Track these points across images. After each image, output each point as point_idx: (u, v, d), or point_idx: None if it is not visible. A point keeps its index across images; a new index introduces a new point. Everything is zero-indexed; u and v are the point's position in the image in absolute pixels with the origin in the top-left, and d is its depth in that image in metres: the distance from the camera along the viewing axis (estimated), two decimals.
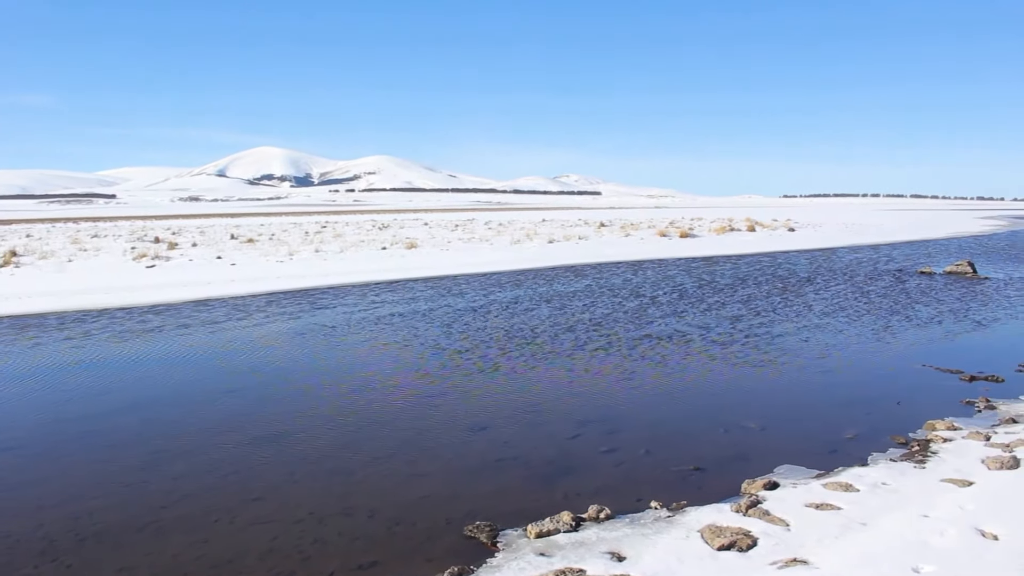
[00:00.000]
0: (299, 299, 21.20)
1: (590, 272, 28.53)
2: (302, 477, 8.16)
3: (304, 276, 26.15)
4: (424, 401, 10.98)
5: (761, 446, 8.99)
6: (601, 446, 9.03)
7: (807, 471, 8.03)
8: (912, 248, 42.95)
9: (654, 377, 12.33)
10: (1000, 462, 7.68)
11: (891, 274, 27.89)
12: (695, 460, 8.49)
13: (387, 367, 13.11)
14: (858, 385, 11.93)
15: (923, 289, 23.25)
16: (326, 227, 62.49)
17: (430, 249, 37.26)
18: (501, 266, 30.11)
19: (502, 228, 57.77)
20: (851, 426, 9.67)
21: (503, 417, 10.20)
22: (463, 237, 46.34)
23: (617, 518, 6.90)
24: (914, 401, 10.83)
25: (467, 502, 7.46)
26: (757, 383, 12.03)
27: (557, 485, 7.88)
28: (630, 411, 10.49)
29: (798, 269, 29.92)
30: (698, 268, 30.24)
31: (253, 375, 12.68)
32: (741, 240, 45.85)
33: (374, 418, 10.18)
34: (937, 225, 73.74)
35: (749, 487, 7.49)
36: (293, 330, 16.52)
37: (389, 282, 25.19)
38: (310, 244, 39.96)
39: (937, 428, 9.34)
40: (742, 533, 6.31)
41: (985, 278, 26.30)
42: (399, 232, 52.89)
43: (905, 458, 8.33)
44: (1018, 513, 6.39)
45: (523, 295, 21.85)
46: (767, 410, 10.51)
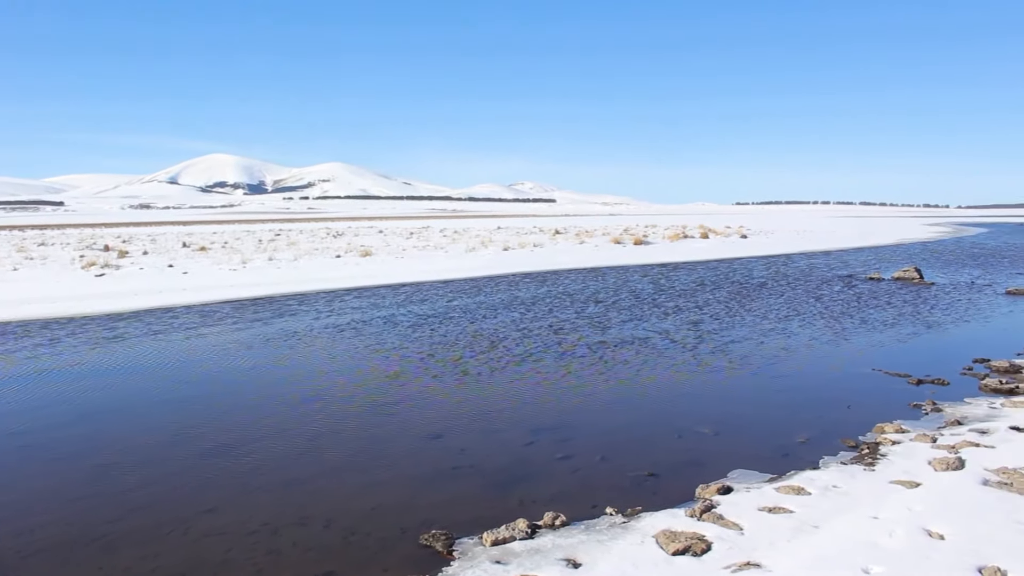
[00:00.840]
0: (253, 308, 20.97)
1: (545, 280, 28.62)
2: (256, 487, 8.07)
3: (258, 284, 25.87)
4: (379, 409, 10.92)
5: (715, 451, 9.07)
6: (557, 453, 9.05)
7: (760, 475, 8.12)
8: (861, 254, 43.71)
9: (609, 383, 12.39)
10: (946, 463, 7.83)
11: (841, 280, 28.35)
12: (650, 466, 8.55)
13: (341, 376, 13.02)
14: (810, 389, 12.11)
15: (872, 294, 23.66)
16: (280, 235, 61.94)
17: (385, 257, 37.11)
18: (456, 274, 30.08)
19: (457, 236, 57.72)
20: (803, 430, 9.80)
21: (459, 425, 10.17)
22: (418, 245, 46.22)
23: (573, 525, 6.91)
24: (864, 405, 11.00)
25: (423, 511, 7.43)
26: (711, 388, 12.15)
27: (513, 492, 7.88)
28: (586, 417, 10.52)
29: (751, 275, 30.29)
30: (653, 275, 30.47)
31: (206, 385, 12.52)
32: (695, 247, 46.31)
33: (329, 427, 10.10)
34: (885, 232, 75.13)
35: (703, 492, 7.56)
36: (247, 339, 16.33)
37: (344, 290, 25.03)
38: (264, 252, 39.57)
39: (886, 431, 9.50)
40: (696, 538, 6.35)
41: (931, 283, 26.85)
42: (354, 240, 52.58)
43: (855, 461, 8.47)
44: (963, 513, 6.52)
45: (477, 303, 21.84)
46: (721, 415, 10.61)
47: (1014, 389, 11.40)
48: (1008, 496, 6.93)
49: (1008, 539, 6.00)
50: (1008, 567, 5.54)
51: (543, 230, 68.14)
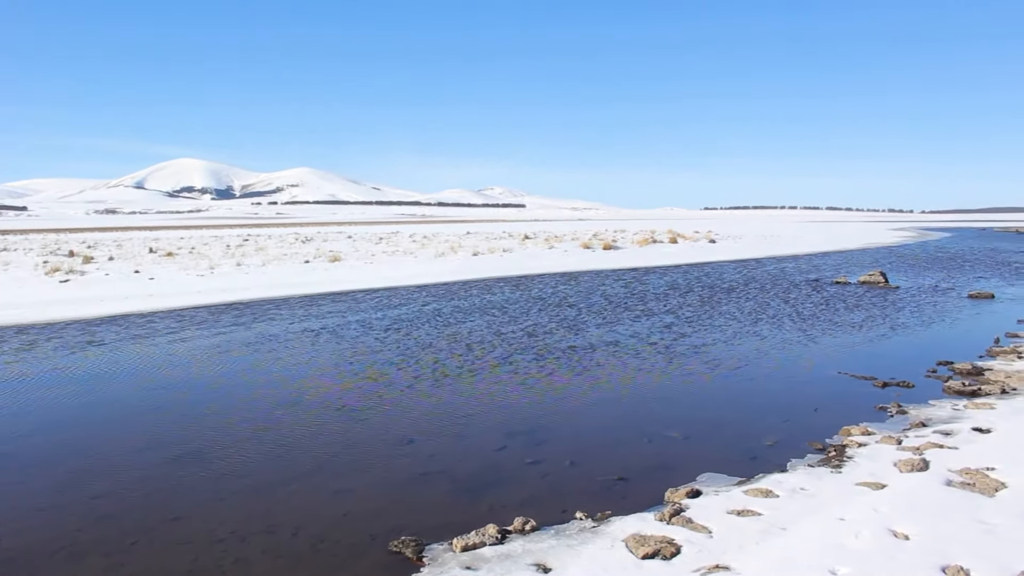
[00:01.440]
0: (221, 313, 20.79)
1: (515, 285, 28.63)
2: (224, 495, 7.99)
3: (226, 290, 25.66)
4: (350, 415, 10.86)
5: (684, 455, 9.12)
6: (527, 458, 9.06)
7: (729, 478, 8.18)
8: (828, 258, 44.18)
9: (580, 387, 12.42)
10: (911, 464, 7.93)
11: (809, 284, 28.64)
12: (619, 470, 8.58)
13: (311, 382, 12.94)
14: (777, 392, 12.21)
15: (839, 298, 23.92)
16: (248, 240, 61.50)
17: (354, 262, 36.95)
18: (426, 279, 30.02)
19: (426, 241, 57.63)
20: (771, 433, 9.88)
21: (429, 430, 10.15)
22: (387, 250, 46.08)
23: (543, 529, 6.92)
24: (831, 408, 11.12)
25: (393, 517, 7.40)
26: (680, 392, 12.22)
27: (483, 498, 7.88)
28: (556, 422, 10.54)
29: (720, 280, 30.51)
30: (622, 280, 30.60)
31: (173, 392, 12.38)
32: (664, 252, 46.56)
33: (298, 434, 10.03)
34: (851, 236, 76.04)
35: (672, 495, 7.59)
36: (215, 345, 16.19)
37: (312, 296, 24.89)
38: (232, 258, 39.26)
39: (852, 433, 9.61)
40: (666, 541, 6.38)
41: (896, 287, 27.20)
42: (323, 245, 52.33)
43: (822, 463, 8.55)
44: (928, 513, 6.60)
45: (447, 308, 21.81)
46: (690, 419, 10.67)
47: (976, 391, 11.57)
48: (971, 496, 7.03)
49: (971, 538, 6.08)
50: (971, 566, 5.62)
51: (512, 235, 68.20)
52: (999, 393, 11.42)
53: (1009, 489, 7.18)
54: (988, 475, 7.56)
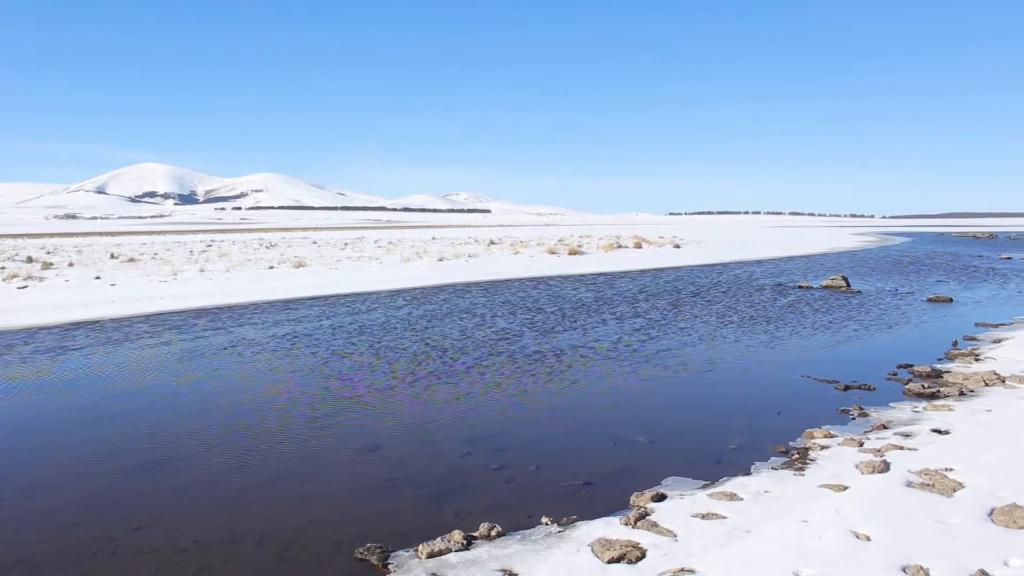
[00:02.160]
0: (184, 320, 20.55)
1: (480, 290, 28.61)
2: (187, 504, 7.90)
3: (189, 296, 25.36)
4: (315, 422, 10.79)
5: (649, 459, 9.16)
6: (492, 463, 9.05)
7: (693, 482, 8.23)
8: (791, 263, 44.65)
9: (545, 392, 12.44)
10: (872, 466, 8.03)
11: (772, 288, 28.92)
12: (585, 475, 8.60)
13: (275, 388, 12.83)
14: (741, 397, 12.30)
15: (802, 302, 24.18)
16: (212, 246, 60.93)
17: (319, 268, 36.72)
18: (391, 285, 29.90)
19: (392, 246, 57.46)
20: (735, 437, 9.96)
21: (395, 436, 10.11)
22: (352, 256, 45.86)
23: (508, 535, 6.91)
24: (794, 411, 11.23)
25: (358, 524, 7.36)
26: (646, 396, 12.28)
27: (449, 504, 7.85)
28: (521, 427, 10.55)
29: (684, 284, 30.71)
30: (587, 285, 30.69)
31: (135, 400, 12.22)
32: (629, 257, 46.78)
33: (263, 441, 9.94)
34: (814, 241, 76.91)
35: (638, 500, 7.62)
36: (177, 352, 16.00)
37: (277, 301, 24.68)
38: (195, 263, 38.85)
39: (815, 436, 9.71)
40: (631, 545, 6.40)
41: (858, 291, 27.54)
42: (287, 251, 51.97)
43: (786, 466, 8.63)
44: (889, 514, 6.68)
45: (412, 314, 21.74)
46: (655, 423, 10.73)
47: (935, 393, 11.75)
48: (930, 496, 7.13)
49: (930, 538, 6.17)
50: (930, 565, 5.70)
51: (478, 240, 68.23)
52: (957, 395, 11.60)
53: (967, 489, 7.29)
54: (947, 476, 7.68)
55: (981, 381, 12.29)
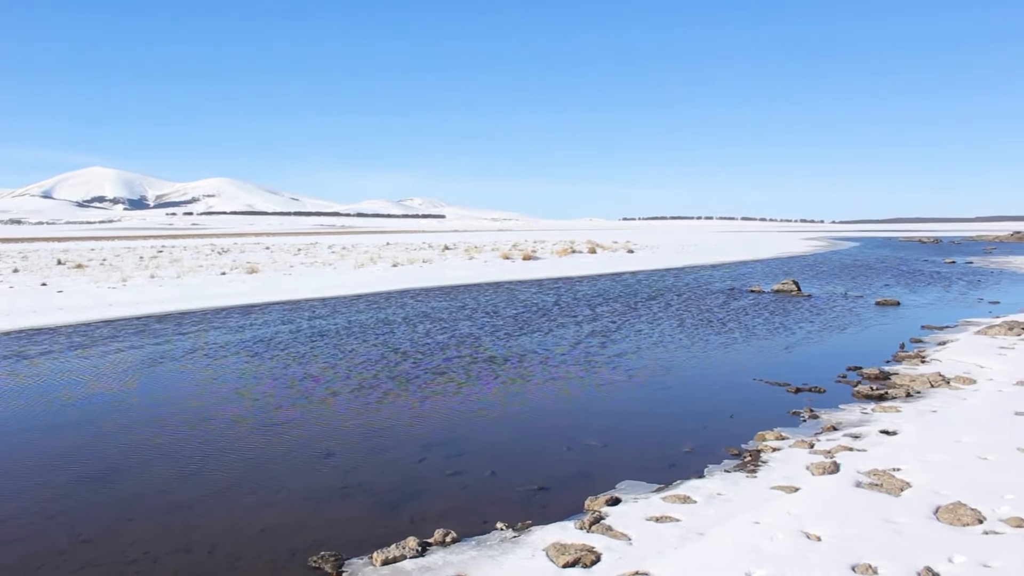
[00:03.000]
0: (134, 327, 20.20)
1: (434, 296, 28.54)
2: (137, 515, 7.75)
3: (139, 303, 24.94)
4: (268, 429, 10.67)
5: (604, 463, 9.20)
6: (447, 469, 9.02)
7: (647, 485, 8.28)
8: (743, 267, 45.18)
9: (500, 398, 12.43)
10: (823, 467, 8.15)
11: (725, 293, 29.23)
12: (540, 480, 8.61)
13: (228, 396, 12.67)
14: (695, 400, 12.42)
15: (753, 306, 24.48)
16: (162, 251, 60.07)
17: (272, 274, 36.36)
18: (345, 290, 29.70)
19: (346, 252, 57.10)
20: (689, 440, 10.04)
21: (349, 443, 10.03)
22: (306, 261, 45.49)
23: (463, 541, 6.89)
24: (746, 414, 11.36)
25: (312, 532, 7.29)
26: (600, 401, 12.33)
27: (403, 510, 7.81)
28: (476, 433, 10.53)
29: (638, 289, 30.92)
30: (541, 290, 30.76)
31: (83, 408, 11.98)
32: (583, 262, 47.00)
33: (214, 449, 9.81)
34: (766, 246, 77.94)
35: (592, 504, 7.65)
36: (128, 359, 15.72)
37: (229, 308, 24.38)
38: (145, 269, 38.25)
39: (767, 438, 9.83)
40: (586, 549, 6.42)
41: (808, 295, 27.96)
42: (240, 256, 51.40)
43: (738, 468, 8.72)
44: (839, 514, 6.79)
45: (366, 320, 21.61)
46: (610, 427, 10.78)
47: (883, 395, 11.96)
48: (878, 496, 7.26)
49: (879, 537, 6.28)
50: (879, 564, 5.80)
51: (432, 246, 68.10)
52: (904, 396, 11.82)
53: (913, 488, 7.43)
54: (894, 476, 7.81)
55: (927, 383, 12.53)
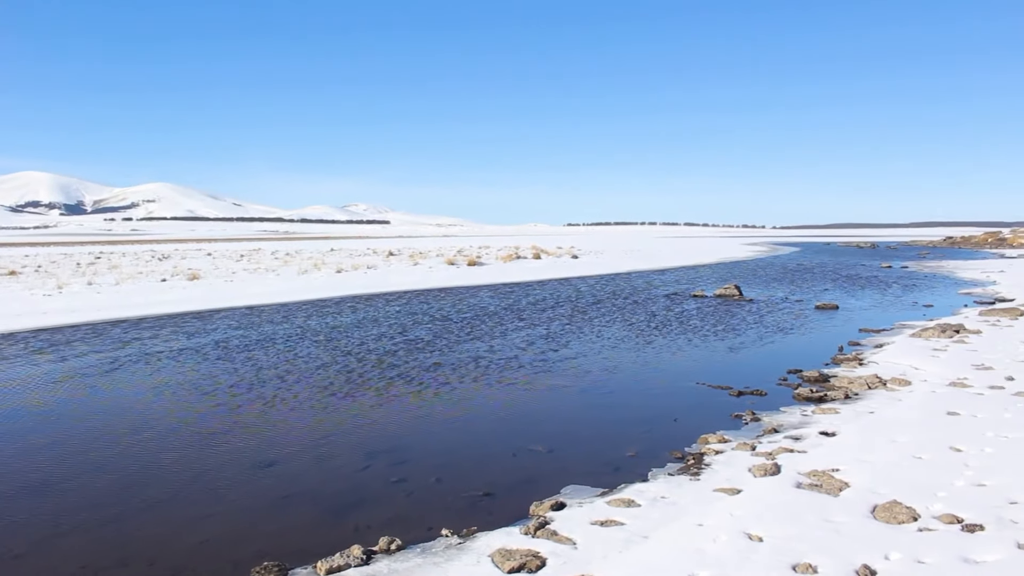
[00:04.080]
0: (68, 335, 19.71)
1: (378, 302, 28.35)
2: (72, 528, 7.56)
3: (74, 311, 24.35)
4: (208, 439, 10.48)
5: (549, 468, 9.22)
6: (392, 476, 8.96)
7: (592, 490, 8.31)
8: (686, 272, 45.69)
9: (445, 404, 12.39)
10: (764, 469, 8.27)
11: (668, 297, 29.52)
12: (485, 486, 8.59)
13: (165, 406, 12.42)
14: (639, 404, 12.51)
15: (696, 311, 24.76)
16: (100, 258, 58.78)
17: (214, 280, 35.79)
18: (288, 297, 29.35)
19: (289, 258, 56.47)
20: (633, 444, 10.11)
21: (292, 452, 9.91)
22: (248, 267, 44.89)
23: (408, 548, 6.85)
24: (690, 417, 11.48)
25: (255, 542, 7.18)
26: (546, 406, 12.36)
27: (348, 519, 7.74)
28: (421, 440, 10.48)
29: (582, 294, 31.07)
30: (487, 295, 30.75)
31: (13, 420, 11.65)
32: (528, 267, 47.10)
33: (153, 460, 9.61)
34: (708, 251, 78.92)
35: (537, 509, 7.66)
36: (62, 369, 15.32)
37: (170, 315, 23.92)
38: (82, 276, 37.37)
39: (710, 441, 9.94)
40: (531, 555, 6.42)
41: (750, 299, 28.38)
42: (180, 263, 50.53)
43: (682, 471, 8.80)
44: (780, 515, 6.89)
45: (310, 326, 21.39)
46: (555, 432, 10.80)
47: (823, 397, 12.18)
48: (818, 497, 7.39)
49: (818, 536, 6.39)
50: (818, 563, 5.90)
51: (377, 252, 67.70)
52: (843, 398, 12.05)
53: (852, 488, 7.58)
54: (833, 476, 7.96)
55: (865, 384, 12.79)
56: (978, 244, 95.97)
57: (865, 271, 46.31)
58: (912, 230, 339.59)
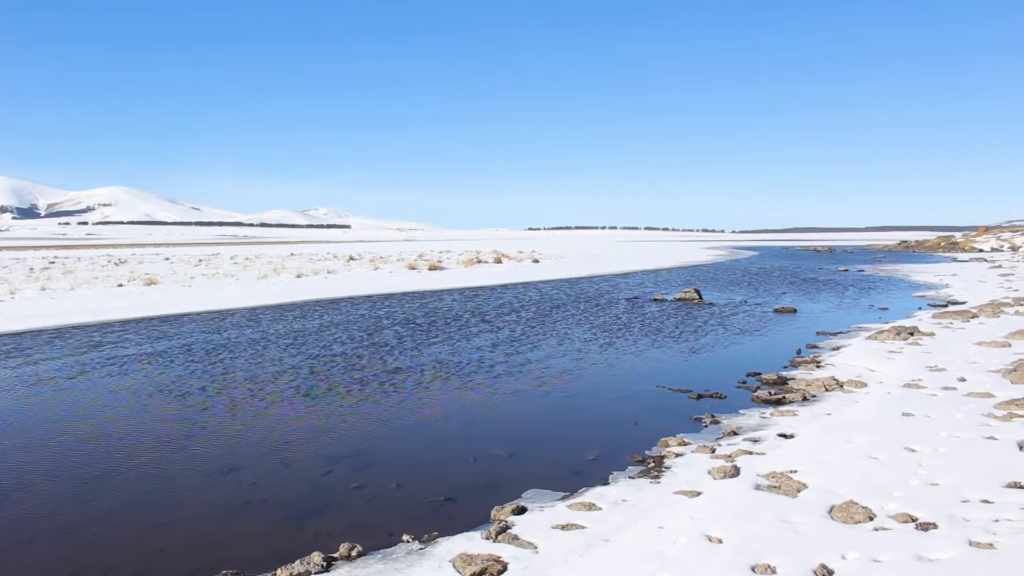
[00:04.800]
0: (21, 342, 19.34)
1: (338, 306, 28.18)
2: (23, 539, 7.41)
3: (28, 316, 23.89)
4: (166, 446, 10.35)
5: (510, 472, 9.23)
6: (352, 482, 8.91)
7: (553, 494, 8.32)
8: (647, 276, 45.96)
9: (407, 409, 12.35)
10: (724, 471, 8.34)
11: (628, 301, 29.68)
12: (446, 491, 8.57)
13: (123, 412, 12.24)
14: (600, 408, 12.55)
15: (656, 315, 24.92)
16: (55, 263, 57.77)
17: (171, 286, 35.32)
18: (248, 302, 29.07)
19: (249, 263, 55.92)
20: (594, 447, 10.14)
21: (252, 458, 9.81)
22: (207, 272, 44.38)
23: (369, 555, 6.81)
24: (650, 420, 11.55)
25: (214, 550, 7.10)
26: (507, 410, 12.36)
27: (308, 525, 7.69)
28: (383, 445, 10.43)
29: (543, 299, 31.13)
30: (448, 300, 30.69)
31: None
32: (489, 272, 47.10)
33: (109, 468, 9.46)
34: (668, 255, 79.42)
35: (498, 513, 7.65)
36: (12, 376, 15.03)
37: (126, 321, 23.57)
38: (36, 281, 36.70)
39: (670, 444, 10.01)
40: (493, 559, 6.42)
41: (710, 303, 28.62)
42: (138, 268, 49.82)
43: (642, 474, 8.85)
44: (739, 517, 6.96)
45: (269, 332, 21.20)
46: (516, 436, 10.82)
47: (781, 399, 12.32)
48: (777, 498, 7.47)
49: (777, 537, 6.46)
50: (777, 563, 5.97)
51: (337, 256, 67.29)
52: (801, 400, 12.20)
53: (809, 489, 7.68)
54: (791, 477, 8.06)
55: (822, 386, 12.97)
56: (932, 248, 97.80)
57: (822, 274, 46.92)
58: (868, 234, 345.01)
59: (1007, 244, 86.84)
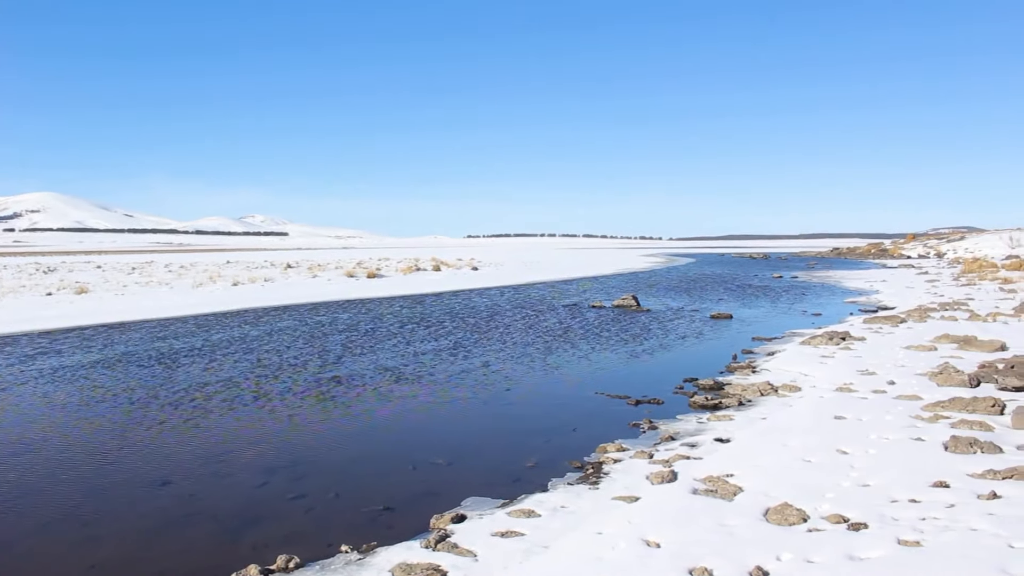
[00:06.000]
0: None
1: (275, 315, 27.82)
2: None
3: None
4: (98, 458, 10.09)
5: (449, 480, 9.20)
6: (290, 493, 8.80)
7: (493, 501, 8.32)
8: (585, 283, 46.23)
9: (345, 418, 12.24)
10: (661, 476, 8.42)
11: (567, 308, 29.83)
12: (385, 500, 8.51)
13: (51, 424, 11.90)
14: (539, 415, 12.58)
15: (595, 321, 25.09)
16: None
17: (103, 294, 34.52)
18: (182, 311, 28.51)
19: (184, 271, 54.94)
20: (533, 454, 10.17)
21: (187, 469, 9.63)
22: (141, 281, 43.48)
23: (307, 566, 6.73)
24: (588, 426, 11.61)
25: (147, 564, 6.95)
26: (446, 418, 12.33)
27: (245, 537, 7.56)
28: (320, 455, 10.32)
29: (481, 306, 31.13)
30: (386, 308, 30.51)
31: None
32: (428, 279, 46.95)
33: (37, 482, 9.20)
34: (607, 262, 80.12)
35: (438, 522, 7.62)
36: None
37: (54, 331, 22.93)
38: None
39: (608, 450, 10.07)
40: (432, 568, 6.39)
41: (647, 309, 28.92)
42: (68, 276, 48.57)
43: (581, 481, 8.90)
44: (677, 521, 7.03)
45: (203, 342, 20.82)
46: (455, 445, 10.79)
47: (718, 404, 12.49)
48: (714, 502, 7.57)
49: (714, 540, 6.54)
50: (714, 566, 6.05)
51: (275, 264, 66.49)
52: (737, 405, 12.39)
53: (745, 493, 7.80)
54: (728, 481, 8.18)
55: (757, 391, 13.19)
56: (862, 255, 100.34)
57: (757, 281, 47.75)
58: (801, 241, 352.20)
59: (933, 251, 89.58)
